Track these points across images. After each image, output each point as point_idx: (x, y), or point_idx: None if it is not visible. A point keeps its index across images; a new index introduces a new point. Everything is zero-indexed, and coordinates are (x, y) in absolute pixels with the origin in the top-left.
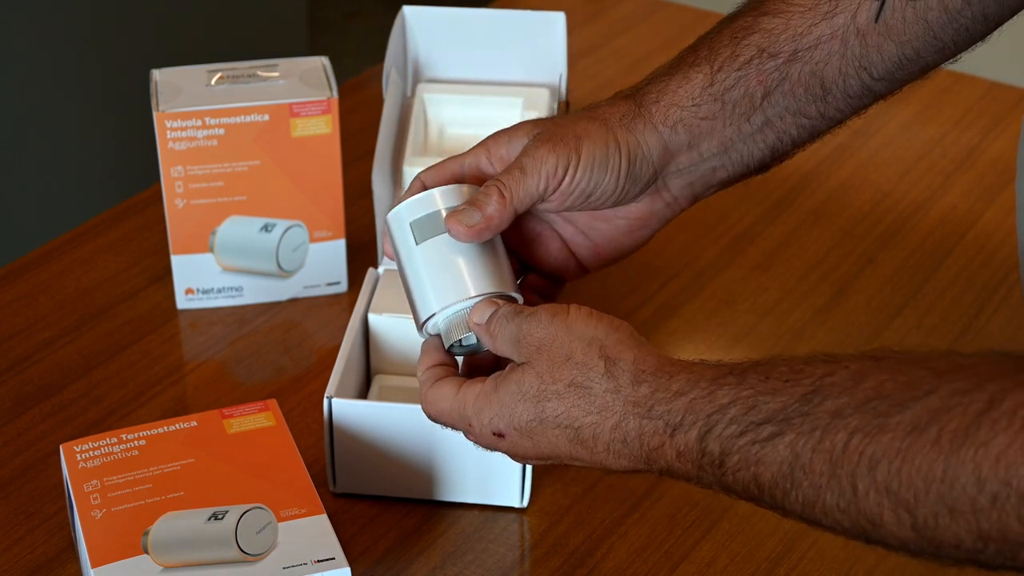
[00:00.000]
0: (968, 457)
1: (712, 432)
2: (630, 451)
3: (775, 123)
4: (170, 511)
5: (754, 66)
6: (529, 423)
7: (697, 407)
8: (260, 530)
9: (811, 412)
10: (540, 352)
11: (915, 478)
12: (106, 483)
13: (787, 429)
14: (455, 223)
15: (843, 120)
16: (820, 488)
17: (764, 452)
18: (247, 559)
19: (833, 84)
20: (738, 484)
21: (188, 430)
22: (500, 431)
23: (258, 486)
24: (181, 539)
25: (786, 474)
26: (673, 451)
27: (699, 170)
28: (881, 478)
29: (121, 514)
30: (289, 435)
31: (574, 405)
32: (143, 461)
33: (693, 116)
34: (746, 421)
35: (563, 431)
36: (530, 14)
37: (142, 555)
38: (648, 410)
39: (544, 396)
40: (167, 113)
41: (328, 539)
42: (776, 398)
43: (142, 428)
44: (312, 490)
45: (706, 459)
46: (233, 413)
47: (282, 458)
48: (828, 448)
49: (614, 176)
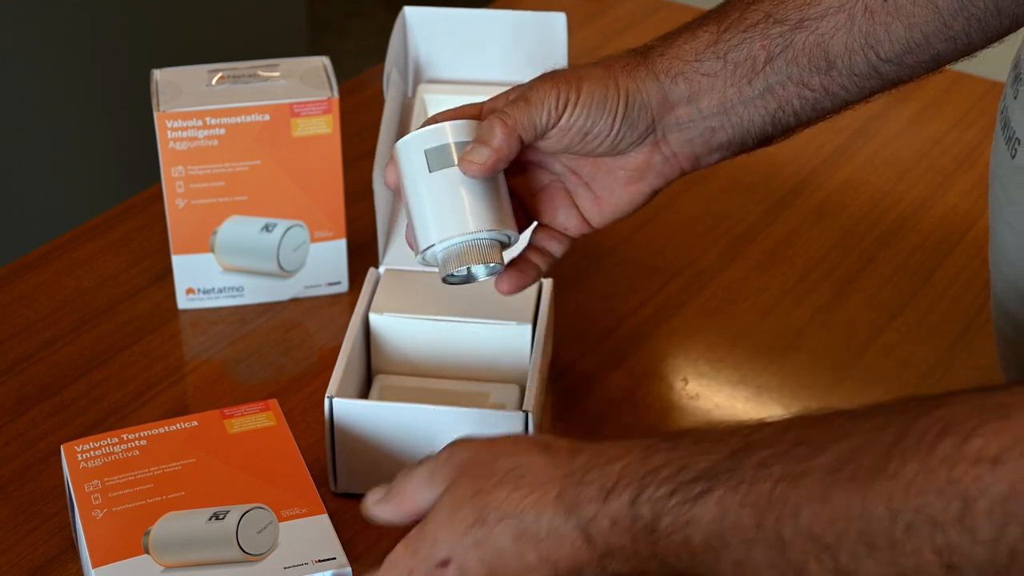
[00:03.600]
0: (881, 490)
1: (643, 495)
2: (571, 527)
3: (776, 90)
4: (171, 511)
5: (759, 30)
6: (471, 529)
7: (630, 471)
8: (261, 530)
9: (738, 467)
10: (466, 464)
11: (835, 519)
12: (107, 483)
13: (716, 485)
14: (467, 163)
15: (851, 100)
16: (749, 543)
17: (694, 512)
18: (248, 559)
19: (838, 58)
20: (671, 552)
21: (189, 430)
22: (444, 557)
23: (259, 486)
24: (182, 539)
25: (716, 533)
26: (608, 519)
27: (698, 127)
28: (804, 523)
29: (122, 514)
30: (290, 435)
31: (515, 489)
32: (144, 461)
33: (695, 71)
34: (677, 481)
35: (507, 524)
36: (531, 15)
37: (143, 555)
38: (584, 475)
39: (482, 491)
40: (168, 113)
41: (329, 539)
42: (707, 457)
43: (143, 428)
44: (313, 490)
45: (639, 525)
46: (234, 413)
47: (283, 458)
48: (753, 500)
49: (610, 117)
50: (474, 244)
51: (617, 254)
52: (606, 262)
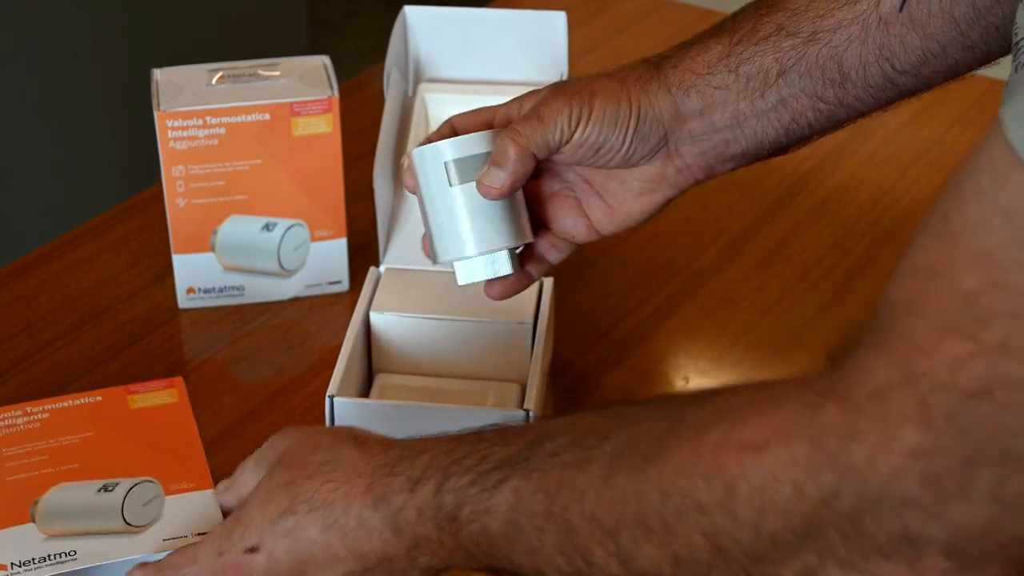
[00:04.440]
0: (655, 474)
1: (447, 483)
2: (379, 520)
3: (790, 103)
4: (62, 483)
5: (772, 43)
6: (281, 518)
7: (437, 461)
8: (147, 503)
9: (532, 456)
10: (285, 453)
11: (615, 502)
12: (4, 454)
13: (512, 474)
14: (485, 187)
15: (865, 111)
16: (541, 531)
17: (492, 501)
18: (130, 530)
19: (852, 70)
20: (472, 541)
21: (92, 404)
22: (254, 544)
23: (152, 460)
24: (69, 509)
25: (511, 520)
26: (414, 509)
27: (711, 140)
28: (588, 508)
29: (13, 484)
30: (190, 412)
31: (327, 481)
32: (43, 434)
33: (707, 84)
34: (478, 471)
35: (316, 516)
36: (531, 14)
37: (28, 524)
38: (393, 467)
39: (295, 482)
40: (168, 112)
41: (211, 513)
42: (506, 448)
43: (48, 402)
44: (204, 466)
45: (442, 514)
46: (138, 389)
47: (179, 434)
48: (545, 487)
49: (622, 132)
50: (491, 259)
51: (617, 253)
52: (606, 261)
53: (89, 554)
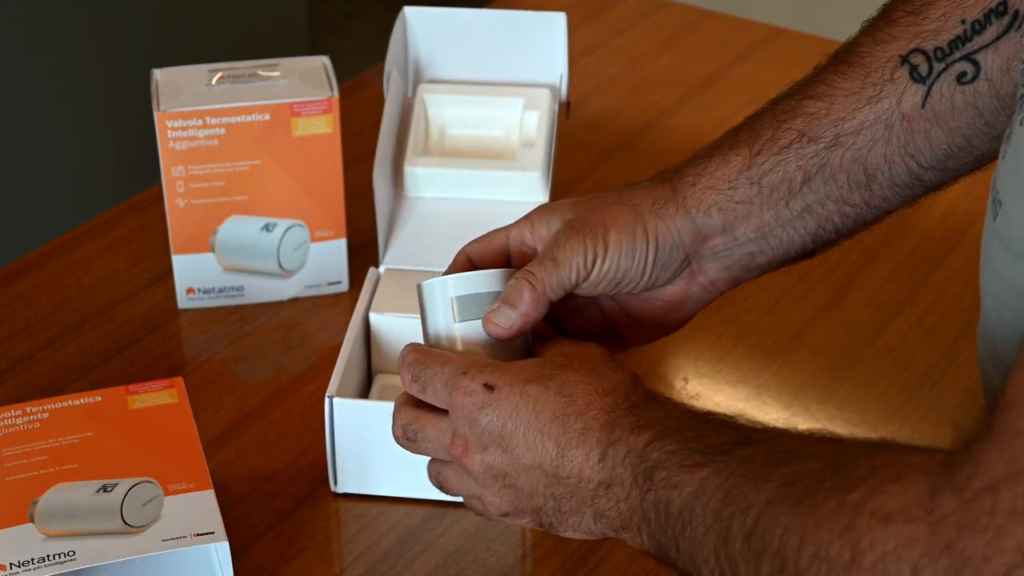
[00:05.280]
0: (802, 517)
1: (659, 442)
2: (598, 440)
3: (816, 209)
4: (61, 483)
5: (793, 150)
6: (531, 384)
7: (665, 420)
8: (146, 503)
9: (731, 453)
10: (573, 353)
11: (767, 529)
12: (4, 454)
13: (708, 463)
14: (492, 325)
15: (892, 209)
16: (707, 527)
17: (684, 478)
18: (129, 530)
19: (877, 171)
20: (653, 506)
21: (91, 404)
22: (494, 384)
23: (151, 460)
24: (68, 509)
25: (689, 505)
26: (625, 448)
27: (735, 254)
28: (748, 525)
29: (13, 484)
30: (189, 412)
31: (586, 383)
32: (43, 433)
33: (728, 200)
34: (687, 446)
35: (556, 399)
36: (531, 14)
37: (27, 524)
38: (635, 405)
39: (564, 367)
40: (168, 113)
41: (211, 513)
42: (718, 437)
43: (47, 402)
44: (203, 466)
45: (642, 467)
46: (138, 390)
47: (179, 434)
48: (725, 488)
49: (640, 264)
50: None
51: None
52: None
53: (88, 554)
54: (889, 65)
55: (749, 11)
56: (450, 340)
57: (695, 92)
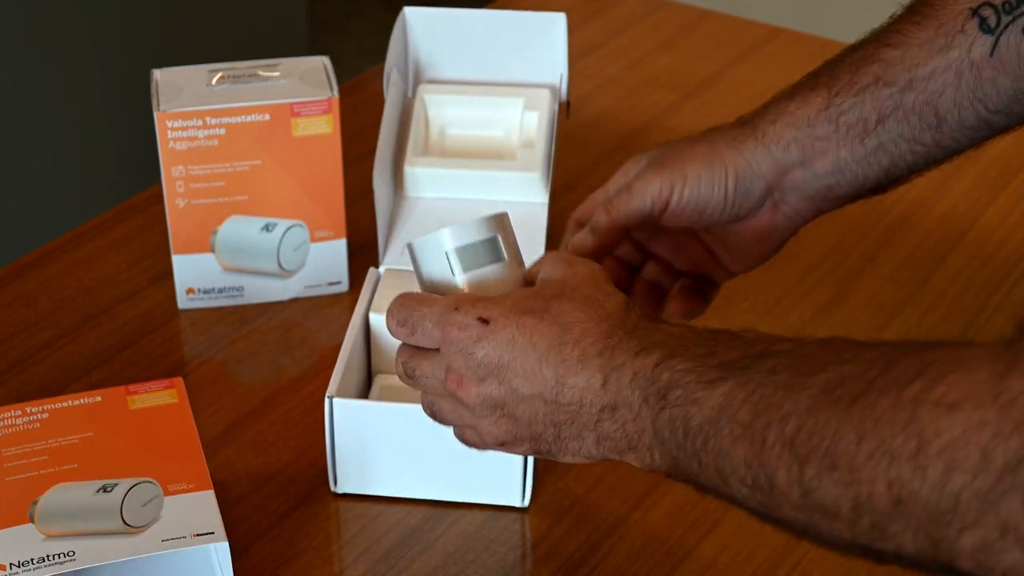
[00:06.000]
0: (857, 416)
1: (669, 362)
2: (597, 365)
3: (888, 147)
4: (61, 483)
5: (870, 93)
6: (526, 316)
7: (669, 340)
8: (146, 503)
9: (753, 367)
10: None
11: (813, 434)
12: (4, 454)
13: (728, 377)
14: (575, 247)
15: (960, 150)
16: (736, 438)
17: (702, 394)
18: (129, 531)
19: (948, 114)
20: (668, 424)
21: (91, 405)
22: (488, 317)
23: (151, 460)
24: (68, 510)
25: (713, 419)
26: (630, 371)
27: (814, 186)
28: (788, 432)
29: (13, 484)
30: (189, 412)
31: (581, 311)
32: (43, 434)
33: (807, 136)
34: (700, 362)
35: (552, 329)
36: (531, 15)
37: (27, 524)
38: (633, 329)
39: (558, 297)
40: (168, 113)
41: (210, 514)
42: (733, 352)
43: (47, 402)
44: (203, 466)
45: (653, 388)
46: (138, 390)
47: (179, 434)
48: (754, 400)
49: (720, 192)
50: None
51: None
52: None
53: (88, 555)
54: (960, 17)
55: (749, 11)
56: (452, 291)
57: (695, 92)
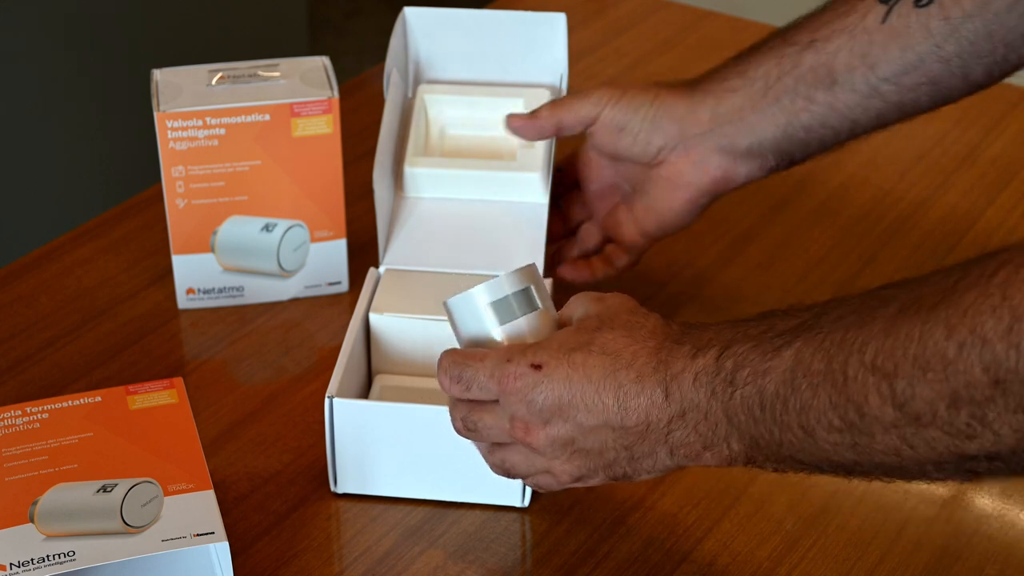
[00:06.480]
0: (941, 317)
1: (730, 349)
2: (656, 380)
3: (784, 103)
4: (61, 483)
5: (775, 51)
6: (573, 352)
7: (722, 334)
8: (146, 503)
9: (817, 323)
10: (607, 310)
11: (896, 348)
12: (4, 454)
13: (795, 339)
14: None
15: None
16: (815, 387)
17: (771, 363)
18: (129, 531)
19: (840, 75)
20: (742, 406)
21: (91, 405)
22: (540, 362)
23: (151, 460)
24: (68, 510)
25: (787, 380)
26: (691, 375)
27: (717, 134)
28: (868, 358)
29: (13, 484)
30: (189, 412)
31: (625, 336)
32: (43, 434)
33: (720, 87)
34: (761, 338)
35: (603, 359)
36: (531, 15)
37: (27, 524)
38: (681, 336)
39: (600, 328)
40: (168, 113)
41: (211, 514)
42: (792, 320)
43: (47, 402)
44: (203, 466)
45: (719, 378)
46: (138, 390)
47: (179, 434)
48: (827, 347)
49: (639, 118)
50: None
51: None
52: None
53: (88, 555)
54: None
55: (749, 11)
56: (492, 344)
57: None
